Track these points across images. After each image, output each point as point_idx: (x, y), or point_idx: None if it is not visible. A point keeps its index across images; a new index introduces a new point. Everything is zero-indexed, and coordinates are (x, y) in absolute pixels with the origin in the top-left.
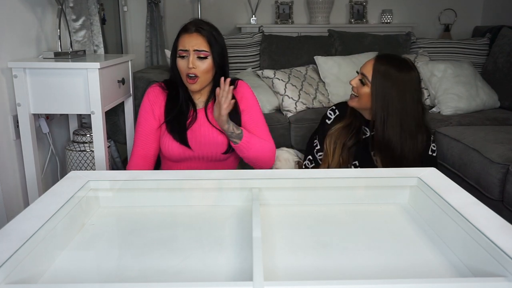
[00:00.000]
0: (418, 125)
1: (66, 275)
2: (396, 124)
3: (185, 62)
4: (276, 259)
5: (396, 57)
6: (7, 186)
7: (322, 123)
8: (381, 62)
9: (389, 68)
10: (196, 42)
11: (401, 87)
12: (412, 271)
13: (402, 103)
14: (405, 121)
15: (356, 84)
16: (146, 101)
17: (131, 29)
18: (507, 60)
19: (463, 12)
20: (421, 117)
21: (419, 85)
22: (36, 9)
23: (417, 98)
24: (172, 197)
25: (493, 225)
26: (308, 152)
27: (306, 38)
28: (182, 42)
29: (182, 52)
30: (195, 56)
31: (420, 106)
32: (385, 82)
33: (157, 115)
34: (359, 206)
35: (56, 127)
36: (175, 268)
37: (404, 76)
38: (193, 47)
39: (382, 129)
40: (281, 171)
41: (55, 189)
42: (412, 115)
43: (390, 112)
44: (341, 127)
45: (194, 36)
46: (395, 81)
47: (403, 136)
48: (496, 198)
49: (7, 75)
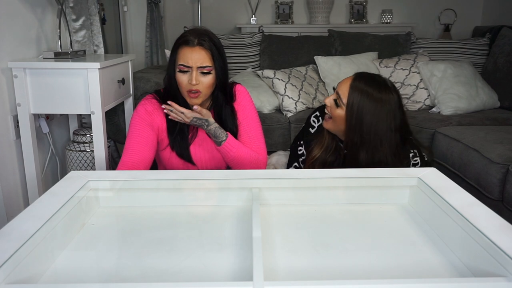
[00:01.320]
0: (394, 155)
1: (66, 275)
2: (368, 151)
3: (186, 78)
4: (276, 259)
5: (375, 77)
6: (7, 186)
7: (306, 131)
8: (360, 80)
9: (367, 87)
10: (199, 57)
11: (377, 109)
12: (412, 271)
13: (376, 127)
14: (377, 150)
15: (330, 104)
16: (142, 111)
17: (131, 29)
18: (507, 60)
19: (463, 12)
20: (398, 146)
21: (398, 110)
22: (36, 9)
23: (394, 126)
24: (172, 197)
25: (493, 225)
26: (293, 159)
27: (306, 38)
28: (183, 57)
29: (184, 68)
30: (198, 72)
31: (397, 135)
32: (362, 101)
33: (156, 127)
34: (359, 206)
35: (56, 127)
36: (175, 268)
37: (382, 96)
38: (196, 64)
39: (353, 153)
40: (281, 171)
41: (55, 189)
42: (386, 143)
43: (364, 137)
44: (320, 153)
45: (196, 50)
46: (373, 101)
47: (375, 165)
48: (496, 198)
49: (7, 75)
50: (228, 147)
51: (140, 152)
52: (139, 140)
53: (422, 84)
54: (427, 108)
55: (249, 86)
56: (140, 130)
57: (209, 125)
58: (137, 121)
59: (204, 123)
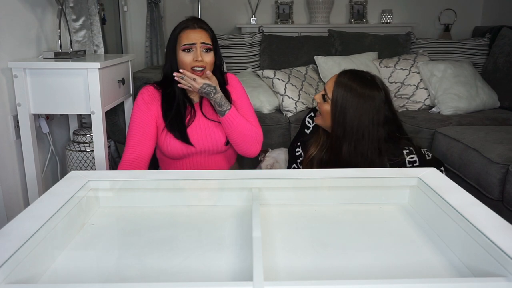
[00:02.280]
0: (377, 150)
1: (66, 275)
2: (350, 144)
3: (191, 56)
4: (276, 259)
5: (362, 73)
6: (7, 186)
7: (302, 132)
8: (344, 76)
9: (351, 82)
10: (201, 35)
11: (360, 103)
12: (412, 271)
13: (359, 121)
14: (359, 143)
15: (319, 100)
16: (140, 101)
17: (131, 29)
18: (507, 60)
19: (463, 12)
20: (380, 141)
21: (382, 107)
22: (36, 9)
23: (377, 120)
24: (172, 197)
25: (493, 225)
26: (291, 161)
27: (306, 38)
28: (186, 37)
29: (188, 46)
30: (201, 48)
31: (380, 129)
32: (345, 95)
33: (153, 114)
34: (359, 206)
35: (56, 127)
36: (175, 268)
37: (366, 91)
38: (199, 40)
39: (336, 146)
40: (281, 171)
41: (55, 189)
42: (368, 137)
43: (347, 130)
44: (316, 151)
45: (198, 31)
46: (356, 96)
47: (356, 160)
48: (496, 198)
49: (7, 75)
50: (232, 115)
51: (142, 146)
52: (141, 133)
53: (422, 84)
54: (427, 108)
55: (249, 86)
56: (140, 123)
57: (216, 93)
58: (137, 114)
59: (212, 90)
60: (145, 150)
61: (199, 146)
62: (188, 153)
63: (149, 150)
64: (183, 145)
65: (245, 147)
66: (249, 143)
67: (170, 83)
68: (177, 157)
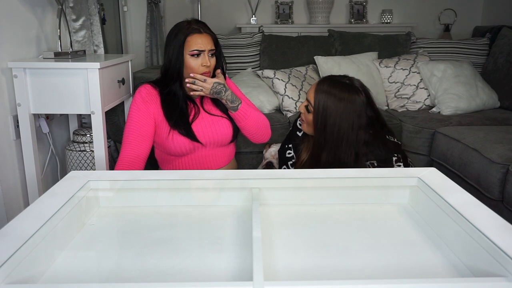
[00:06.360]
0: (353, 155)
1: (66, 275)
2: (330, 151)
3: (199, 61)
4: (276, 259)
5: (340, 78)
6: (7, 186)
7: (294, 135)
8: (324, 83)
9: (330, 89)
10: (208, 41)
11: (340, 108)
12: (412, 271)
13: (339, 126)
14: (338, 148)
15: (303, 110)
16: (139, 99)
17: (131, 29)
18: (507, 60)
19: (463, 12)
20: (359, 145)
21: (363, 110)
22: (36, 9)
23: (358, 125)
24: (172, 197)
25: (493, 225)
26: (282, 162)
27: (306, 38)
28: (195, 43)
29: (197, 52)
30: (209, 55)
31: (360, 133)
32: (326, 101)
33: (152, 113)
34: (359, 206)
35: (56, 127)
36: (175, 268)
37: (345, 95)
38: (207, 47)
39: (317, 154)
40: (281, 171)
41: (55, 189)
42: (347, 143)
43: (327, 137)
44: (307, 157)
45: (205, 36)
46: (336, 101)
47: (334, 166)
48: (496, 198)
49: (7, 75)
50: (245, 108)
51: (139, 146)
52: (138, 133)
53: (422, 84)
54: (427, 108)
55: (249, 86)
56: (137, 123)
57: (226, 90)
58: (135, 112)
59: (223, 88)
60: (142, 150)
61: (206, 140)
62: (195, 148)
63: (146, 150)
64: (190, 141)
65: (260, 133)
66: (264, 129)
67: (168, 83)
68: (184, 154)
